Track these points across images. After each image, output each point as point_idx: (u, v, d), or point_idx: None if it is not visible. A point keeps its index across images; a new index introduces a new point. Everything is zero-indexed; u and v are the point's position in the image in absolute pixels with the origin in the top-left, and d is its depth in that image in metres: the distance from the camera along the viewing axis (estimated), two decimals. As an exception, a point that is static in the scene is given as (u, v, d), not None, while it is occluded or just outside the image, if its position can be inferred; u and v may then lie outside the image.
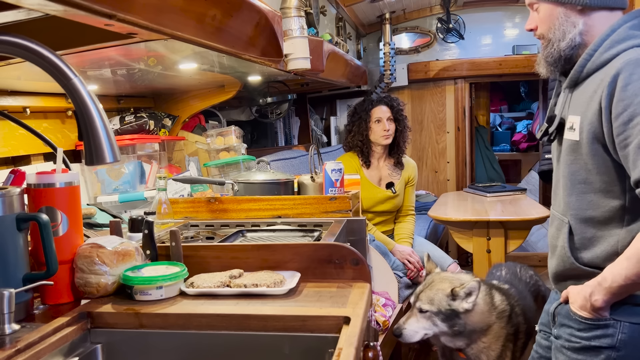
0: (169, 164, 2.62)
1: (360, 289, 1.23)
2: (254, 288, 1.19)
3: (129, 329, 1.12)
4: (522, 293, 2.14)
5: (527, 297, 2.15)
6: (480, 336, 1.94)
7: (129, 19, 1.06)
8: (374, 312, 2.18)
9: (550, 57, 1.41)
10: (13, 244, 1.08)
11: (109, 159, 1.00)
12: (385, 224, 3.11)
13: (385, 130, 2.98)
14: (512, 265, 2.40)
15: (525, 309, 2.05)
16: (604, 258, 1.33)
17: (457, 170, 4.75)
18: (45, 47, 0.97)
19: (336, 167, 1.87)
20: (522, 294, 2.13)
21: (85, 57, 1.51)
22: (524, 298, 2.11)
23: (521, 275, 2.32)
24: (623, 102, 1.22)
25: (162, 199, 1.69)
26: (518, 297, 2.07)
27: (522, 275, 2.33)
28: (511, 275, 2.30)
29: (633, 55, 1.25)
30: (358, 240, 1.71)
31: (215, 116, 3.26)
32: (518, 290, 2.14)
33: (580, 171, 1.36)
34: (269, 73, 2.55)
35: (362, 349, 1.09)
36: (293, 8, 2.05)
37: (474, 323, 1.91)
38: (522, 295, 2.12)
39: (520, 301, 2.06)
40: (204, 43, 1.42)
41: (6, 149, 1.79)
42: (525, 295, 2.16)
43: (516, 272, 2.33)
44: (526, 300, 2.12)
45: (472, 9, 4.55)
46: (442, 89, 4.72)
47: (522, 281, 2.28)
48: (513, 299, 2.04)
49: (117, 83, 2.17)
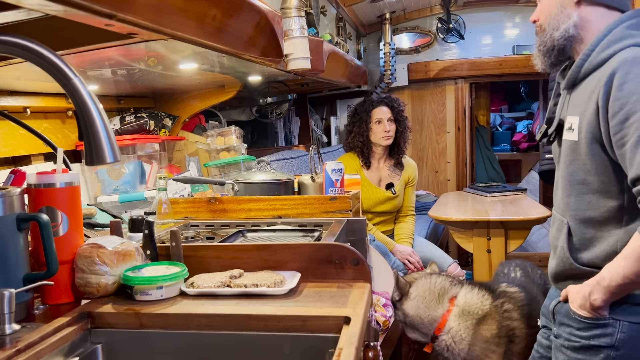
0: (169, 164, 2.62)
1: (360, 289, 1.23)
2: (254, 288, 1.19)
3: (129, 329, 1.12)
4: (534, 298, 2.04)
5: (539, 302, 1.96)
6: (434, 331, 1.98)
7: (129, 19, 1.06)
8: (374, 312, 2.18)
9: (543, 46, 1.44)
10: (13, 244, 1.08)
11: (109, 159, 1.01)
12: (385, 224, 3.11)
13: (385, 131, 2.98)
14: (522, 265, 2.32)
15: (529, 314, 1.97)
16: (603, 258, 1.33)
17: (457, 170, 4.75)
18: (45, 47, 0.97)
19: (336, 167, 1.87)
20: (534, 298, 2.04)
21: (85, 57, 1.51)
22: (533, 303, 2.01)
23: (533, 276, 2.24)
24: (619, 101, 1.23)
25: (162, 199, 1.69)
26: (523, 302, 2.00)
27: (534, 276, 2.24)
28: (525, 277, 2.22)
29: (629, 54, 1.26)
30: (358, 240, 1.71)
31: (216, 116, 3.26)
32: (530, 294, 2.05)
33: (578, 172, 1.37)
34: (269, 73, 2.55)
35: (362, 349, 1.09)
36: (293, 8, 2.05)
37: (411, 316, 2.01)
38: (532, 299, 2.03)
39: (524, 306, 1.99)
40: (204, 43, 1.43)
41: (6, 149, 1.79)
42: (539, 299, 2.00)
43: (528, 272, 2.25)
44: (536, 305, 1.97)
45: (472, 9, 4.56)
46: (442, 89, 4.72)
47: (535, 283, 2.19)
48: (511, 302, 1.99)
49: (117, 83, 2.17)
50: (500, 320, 1.94)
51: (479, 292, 2.01)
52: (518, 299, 2.02)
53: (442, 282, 2.06)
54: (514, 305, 1.99)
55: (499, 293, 2.03)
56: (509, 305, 1.98)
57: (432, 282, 2.05)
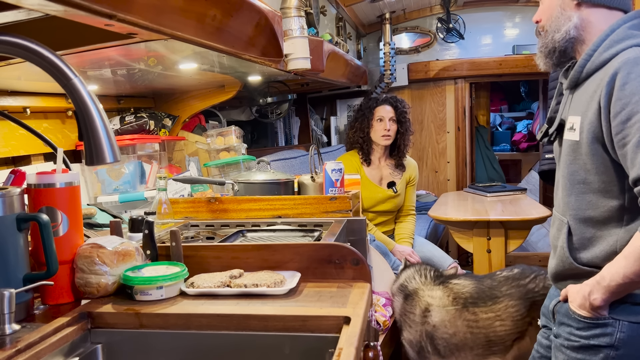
0: (169, 164, 2.61)
1: (360, 289, 1.23)
2: (254, 288, 1.19)
3: (129, 329, 1.12)
4: (481, 292, 2.13)
5: (485, 296, 2.13)
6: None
7: (129, 19, 1.06)
8: (374, 312, 2.18)
9: (545, 48, 1.44)
10: (13, 244, 1.08)
11: (109, 159, 1.00)
12: (386, 225, 3.11)
13: (385, 130, 2.98)
14: (523, 267, 2.26)
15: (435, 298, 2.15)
16: (603, 258, 1.33)
17: (457, 170, 4.75)
18: (45, 47, 0.97)
19: (336, 167, 1.87)
20: (482, 293, 2.13)
21: (85, 57, 1.51)
22: (478, 296, 2.13)
23: (524, 282, 2.17)
24: (621, 101, 1.23)
25: (162, 199, 1.69)
26: (460, 290, 2.15)
27: (527, 282, 2.16)
28: (510, 281, 2.19)
29: (631, 54, 1.26)
30: (358, 240, 1.72)
31: (216, 116, 3.26)
32: (479, 290, 2.15)
33: (579, 171, 1.37)
34: (269, 73, 2.55)
35: (362, 349, 1.09)
36: (293, 8, 2.05)
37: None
38: (479, 293, 2.13)
39: (462, 293, 2.14)
40: (204, 43, 1.42)
41: (6, 149, 1.79)
42: (490, 295, 2.12)
43: (514, 276, 2.19)
44: (477, 299, 2.13)
45: (472, 8, 4.55)
46: (442, 88, 4.72)
47: (520, 286, 2.14)
48: (444, 287, 2.17)
49: (117, 83, 2.17)
50: (422, 297, 2.18)
51: (418, 273, 2.25)
52: (455, 287, 2.18)
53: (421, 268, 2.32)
54: (445, 289, 2.17)
55: (442, 280, 2.22)
56: (438, 287, 2.18)
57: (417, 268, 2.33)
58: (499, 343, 2.10)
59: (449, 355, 2.14)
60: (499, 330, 2.08)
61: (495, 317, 2.10)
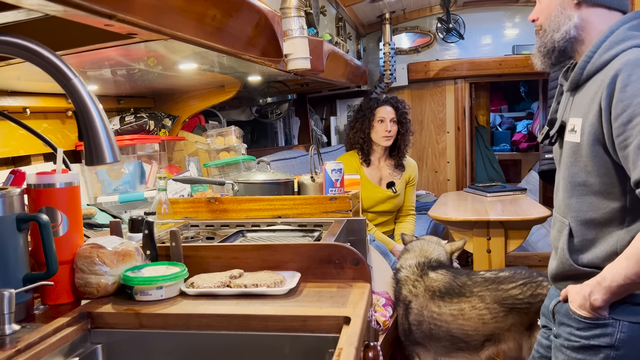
0: (169, 164, 2.62)
1: (360, 289, 1.23)
2: (254, 288, 1.19)
3: (129, 329, 1.12)
4: (456, 287, 2.17)
5: (462, 293, 2.16)
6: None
7: (129, 19, 1.06)
8: (374, 312, 2.18)
9: (544, 48, 1.43)
10: (13, 244, 1.08)
11: (109, 159, 1.00)
12: (385, 225, 3.11)
13: (386, 131, 2.98)
14: (517, 271, 2.21)
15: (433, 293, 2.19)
16: (603, 258, 1.33)
17: (457, 170, 4.75)
18: (45, 47, 0.97)
19: (336, 167, 1.87)
20: (455, 287, 2.17)
21: (85, 57, 1.51)
22: (451, 291, 2.17)
23: (507, 287, 2.14)
24: (622, 102, 1.22)
25: (162, 199, 1.69)
26: (434, 283, 2.20)
27: (510, 288, 2.13)
28: (484, 280, 2.19)
29: (632, 55, 1.25)
30: (358, 240, 1.72)
31: (215, 116, 3.26)
32: (450, 284, 2.19)
33: (580, 173, 1.36)
34: (269, 73, 2.55)
35: (362, 349, 1.09)
36: (293, 8, 2.05)
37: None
38: (452, 287, 2.17)
39: (435, 287, 2.19)
40: (204, 43, 1.42)
41: (6, 149, 1.79)
42: (465, 293, 2.15)
43: (496, 279, 2.16)
44: (451, 294, 2.18)
45: (472, 8, 4.56)
46: (442, 89, 4.72)
47: (498, 290, 2.12)
48: (424, 279, 2.24)
49: (117, 83, 2.17)
50: (407, 283, 2.26)
51: (412, 260, 2.31)
52: (430, 278, 2.24)
53: (425, 244, 2.40)
54: (423, 278, 2.24)
55: (425, 270, 2.27)
56: (419, 277, 2.25)
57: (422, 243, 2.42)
58: (465, 340, 2.12)
59: (421, 342, 2.22)
60: (464, 328, 2.11)
61: (459, 314, 2.12)
